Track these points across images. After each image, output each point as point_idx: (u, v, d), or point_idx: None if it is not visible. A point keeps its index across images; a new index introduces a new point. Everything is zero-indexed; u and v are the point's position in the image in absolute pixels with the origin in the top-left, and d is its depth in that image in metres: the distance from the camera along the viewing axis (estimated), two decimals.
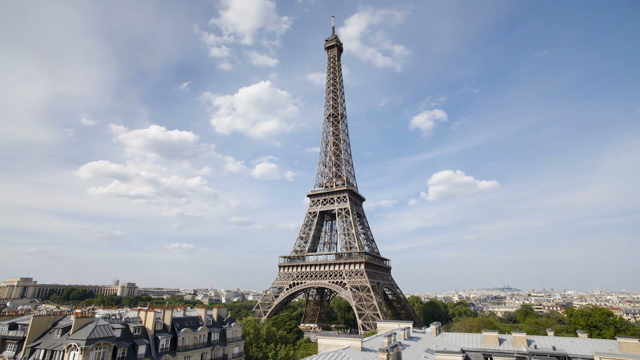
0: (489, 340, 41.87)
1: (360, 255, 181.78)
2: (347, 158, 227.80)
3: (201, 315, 65.32)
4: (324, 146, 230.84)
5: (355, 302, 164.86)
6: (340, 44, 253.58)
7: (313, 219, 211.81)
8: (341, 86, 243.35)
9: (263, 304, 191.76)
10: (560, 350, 37.16)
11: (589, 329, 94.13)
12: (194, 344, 59.60)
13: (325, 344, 31.92)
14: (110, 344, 45.84)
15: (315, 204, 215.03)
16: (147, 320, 55.14)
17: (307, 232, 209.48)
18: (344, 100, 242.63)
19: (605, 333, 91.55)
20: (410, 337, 41.00)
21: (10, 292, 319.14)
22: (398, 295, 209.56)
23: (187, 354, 57.49)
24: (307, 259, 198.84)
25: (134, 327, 52.58)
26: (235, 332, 69.43)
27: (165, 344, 54.74)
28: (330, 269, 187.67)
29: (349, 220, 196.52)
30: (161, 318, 57.86)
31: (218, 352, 63.75)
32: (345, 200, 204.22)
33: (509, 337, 43.04)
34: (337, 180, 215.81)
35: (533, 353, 36.59)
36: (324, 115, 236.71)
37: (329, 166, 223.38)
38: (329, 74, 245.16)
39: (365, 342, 31.76)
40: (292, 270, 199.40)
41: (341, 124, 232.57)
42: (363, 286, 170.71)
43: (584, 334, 44.38)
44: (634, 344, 35.73)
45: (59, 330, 48.41)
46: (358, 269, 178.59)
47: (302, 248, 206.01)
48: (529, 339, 41.83)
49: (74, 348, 43.62)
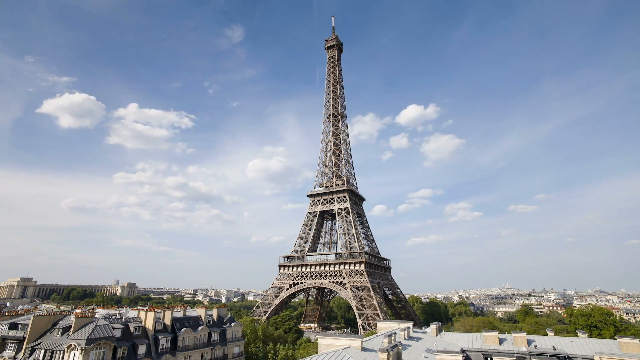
0: (489, 340, 41.87)
1: (360, 255, 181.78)
2: (347, 158, 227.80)
3: (201, 315, 65.35)
4: (324, 146, 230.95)
5: (355, 302, 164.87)
6: (340, 44, 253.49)
7: (313, 219, 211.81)
8: (341, 86, 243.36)
9: (263, 303, 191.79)
10: (561, 350, 37.16)
11: (589, 328, 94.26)
12: (194, 343, 59.62)
13: (325, 343, 31.92)
14: (110, 344, 45.84)
15: (315, 204, 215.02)
16: (147, 320, 55.16)
17: (307, 232, 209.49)
18: (344, 100, 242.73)
19: (605, 333, 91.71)
20: (411, 337, 41.00)
21: (10, 292, 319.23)
22: (398, 295, 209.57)
23: (187, 354, 57.50)
24: (307, 258, 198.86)
25: (134, 327, 52.58)
26: (235, 332, 69.46)
27: (166, 344, 54.76)
28: (330, 268, 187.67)
29: (349, 220, 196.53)
30: (161, 318, 57.88)
31: (218, 352, 63.77)
32: (345, 200, 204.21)
33: (509, 337, 43.02)
34: (337, 180, 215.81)
35: (533, 353, 36.58)
36: (323, 115, 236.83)
37: (329, 166, 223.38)
38: (329, 73, 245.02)
39: (366, 342, 31.75)
40: (292, 270, 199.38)
41: (341, 124, 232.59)
42: (363, 286, 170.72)
43: (584, 333, 44.39)
44: (634, 344, 35.73)
45: (59, 330, 48.41)
46: (358, 268, 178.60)
47: (302, 248, 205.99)
48: (529, 338, 41.82)
49: (74, 348, 43.63)
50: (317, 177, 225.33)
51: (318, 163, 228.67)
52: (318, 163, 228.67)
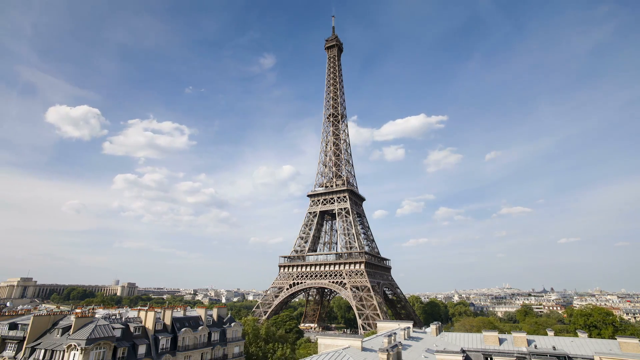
0: (489, 340, 41.86)
1: (360, 255, 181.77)
2: (347, 158, 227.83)
3: (201, 315, 65.27)
4: (324, 146, 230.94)
5: (356, 302, 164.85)
6: (340, 44, 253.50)
7: (313, 219, 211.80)
8: (341, 86, 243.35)
9: (263, 303, 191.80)
10: (561, 350, 37.16)
11: (589, 328, 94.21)
12: (194, 343, 59.57)
13: (325, 343, 31.93)
14: (110, 344, 45.82)
15: (315, 204, 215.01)
16: (147, 320, 55.12)
17: (307, 232, 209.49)
18: (344, 100, 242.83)
19: (605, 333, 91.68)
20: (411, 337, 41.00)
21: (10, 292, 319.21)
22: (398, 295, 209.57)
23: (187, 354, 57.47)
24: (307, 258, 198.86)
25: (134, 327, 52.55)
26: (235, 332, 69.40)
27: (166, 344, 54.72)
28: (330, 268, 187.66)
29: (349, 220, 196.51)
30: (161, 318, 57.82)
31: (218, 352, 63.73)
32: (345, 200, 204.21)
33: (509, 337, 43.01)
34: (337, 180, 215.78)
35: (533, 353, 36.57)
36: (324, 115, 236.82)
37: (329, 166, 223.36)
38: (329, 73, 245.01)
39: (366, 342, 31.75)
40: (292, 270, 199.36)
41: (341, 124, 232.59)
42: (363, 286, 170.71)
43: (584, 333, 44.39)
44: (634, 343, 35.72)
45: (59, 330, 48.35)
46: (358, 268, 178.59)
47: (302, 248, 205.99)
48: (529, 338, 41.81)
49: (74, 348, 43.61)
50: (317, 177, 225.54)
51: (318, 163, 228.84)
52: (318, 163, 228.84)
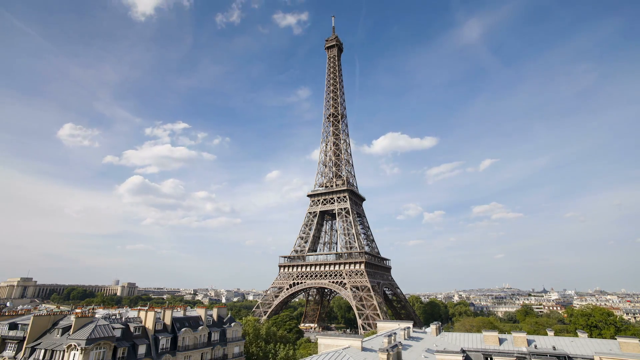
0: (489, 340, 41.82)
1: (360, 255, 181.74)
2: (348, 158, 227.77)
3: (201, 315, 65.28)
4: (324, 146, 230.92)
5: (356, 302, 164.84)
6: (340, 44, 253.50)
7: (313, 219, 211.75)
8: (341, 86, 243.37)
9: (263, 303, 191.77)
10: (561, 350, 37.12)
11: (589, 328, 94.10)
12: (194, 343, 59.58)
13: (325, 343, 31.93)
14: (110, 344, 45.82)
15: (315, 204, 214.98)
16: (147, 320, 55.12)
17: (307, 232, 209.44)
18: (344, 100, 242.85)
19: (605, 333, 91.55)
20: (411, 337, 41.01)
21: (10, 292, 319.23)
22: (398, 295, 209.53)
23: (187, 354, 57.48)
24: (307, 258, 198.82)
25: (134, 327, 52.55)
26: (235, 332, 69.41)
27: (166, 344, 54.73)
28: (330, 268, 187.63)
29: (349, 220, 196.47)
30: (161, 318, 57.82)
31: (218, 352, 63.74)
32: (345, 200, 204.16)
33: (509, 337, 42.96)
34: (337, 180, 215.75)
35: (533, 353, 36.54)
36: (324, 115, 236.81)
37: (329, 166, 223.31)
38: (329, 73, 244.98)
39: (366, 342, 31.76)
40: (292, 270, 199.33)
41: (341, 124, 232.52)
42: (363, 286, 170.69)
43: (584, 333, 44.31)
44: (634, 344, 35.68)
45: (59, 330, 48.35)
46: (358, 268, 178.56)
47: (302, 248, 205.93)
48: (529, 338, 41.76)
49: (74, 348, 43.61)
50: (317, 177, 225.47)
51: (318, 163, 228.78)
52: (318, 163, 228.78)
